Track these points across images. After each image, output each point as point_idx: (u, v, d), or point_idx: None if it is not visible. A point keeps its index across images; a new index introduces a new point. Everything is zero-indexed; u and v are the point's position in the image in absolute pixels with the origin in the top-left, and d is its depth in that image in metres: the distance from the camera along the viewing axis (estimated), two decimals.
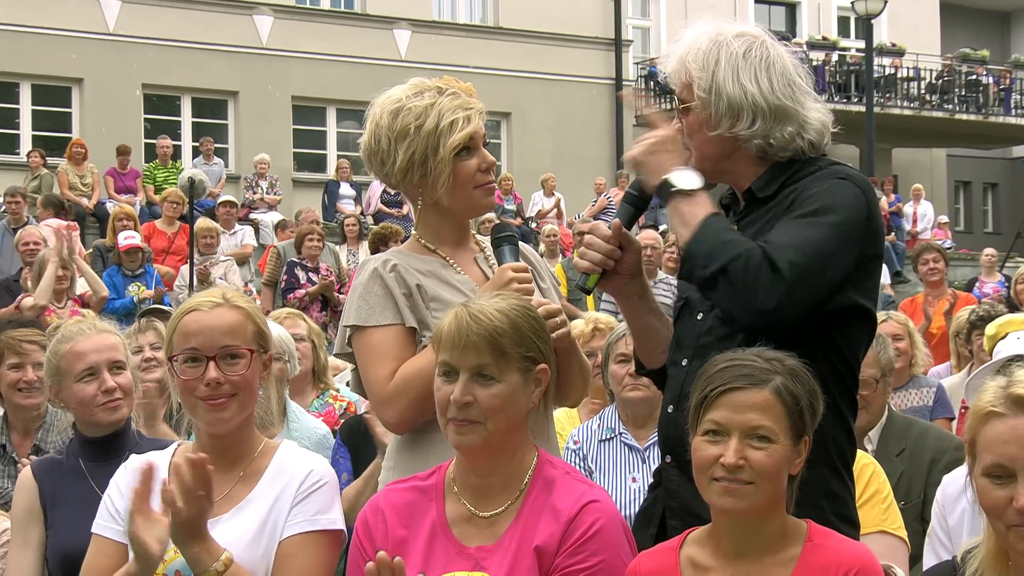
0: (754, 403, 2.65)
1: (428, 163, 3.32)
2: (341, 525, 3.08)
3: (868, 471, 4.24)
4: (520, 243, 3.53)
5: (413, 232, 3.50)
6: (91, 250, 13.71)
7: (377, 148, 3.38)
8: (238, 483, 3.06)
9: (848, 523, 3.03)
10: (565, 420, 5.44)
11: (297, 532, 3.00)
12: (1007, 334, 6.15)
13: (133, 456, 3.20)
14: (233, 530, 2.99)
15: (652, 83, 24.88)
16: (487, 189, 3.42)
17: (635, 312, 3.35)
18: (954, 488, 3.81)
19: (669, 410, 3.15)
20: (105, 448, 3.84)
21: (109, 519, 3.10)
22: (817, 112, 3.14)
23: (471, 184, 3.37)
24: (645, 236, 11.40)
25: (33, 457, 4.32)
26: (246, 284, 13.90)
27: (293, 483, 3.04)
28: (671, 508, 3.10)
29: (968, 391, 5.60)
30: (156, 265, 13.35)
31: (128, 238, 12.47)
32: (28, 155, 17.90)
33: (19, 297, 10.27)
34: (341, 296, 12.38)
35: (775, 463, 2.63)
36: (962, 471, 3.47)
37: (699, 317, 3.13)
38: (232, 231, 15.56)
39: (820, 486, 2.93)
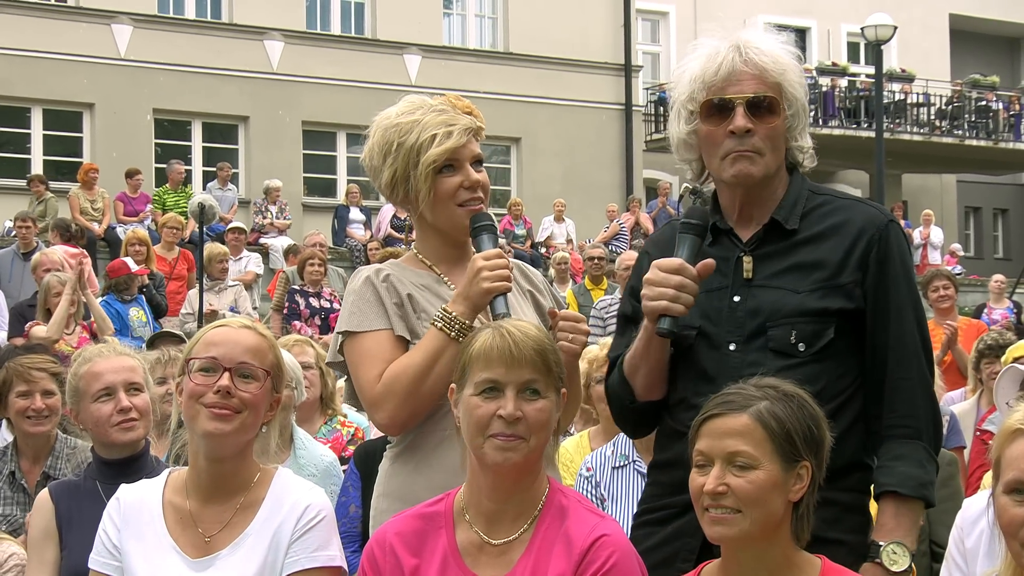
0: (732, 429, 2.65)
1: (410, 179, 3.29)
2: (341, 562, 3.07)
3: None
4: (521, 263, 3.52)
5: (412, 247, 3.49)
6: (104, 274, 13.71)
7: (370, 165, 3.39)
8: (236, 513, 3.05)
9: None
10: (574, 451, 5.39)
11: (297, 570, 3.00)
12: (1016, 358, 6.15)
13: (123, 487, 3.20)
14: (234, 569, 2.98)
15: (663, 108, 24.91)
16: (470, 209, 3.33)
17: (662, 347, 3.12)
18: (973, 510, 3.78)
19: None
20: (122, 470, 3.86)
21: (105, 554, 3.11)
22: None
23: (452, 201, 3.31)
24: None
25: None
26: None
27: (291, 519, 3.03)
28: (693, 548, 3.05)
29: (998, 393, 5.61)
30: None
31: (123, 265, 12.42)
32: (29, 182, 17.86)
33: (28, 325, 10.23)
34: None
35: (758, 489, 2.62)
36: (984, 494, 3.45)
37: (732, 348, 3.05)
38: (238, 257, 15.58)
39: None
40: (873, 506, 3.08)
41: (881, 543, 2.92)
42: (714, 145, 3.09)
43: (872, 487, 3.07)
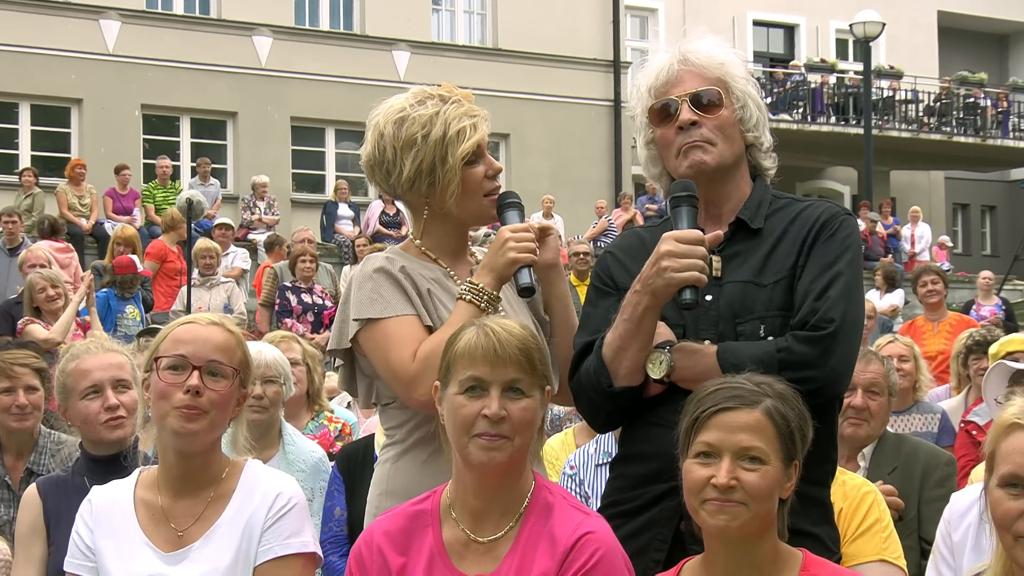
0: (746, 424, 2.64)
1: (436, 172, 3.26)
2: (314, 548, 3.08)
3: (869, 499, 4.15)
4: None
5: (411, 237, 3.43)
6: (89, 270, 13.68)
7: (382, 159, 3.31)
8: (208, 506, 3.06)
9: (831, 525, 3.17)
10: (559, 448, 5.38)
11: (271, 557, 3.01)
12: (1007, 353, 6.14)
13: (95, 488, 3.21)
14: (207, 560, 2.99)
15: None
16: (494, 199, 3.36)
17: (654, 323, 3.10)
18: (961, 504, 3.79)
19: None
20: (110, 467, 3.85)
21: (79, 556, 3.12)
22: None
23: (480, 192, 3.32)
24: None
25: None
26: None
27: (262, 507, 3.04)
28: (665, 538, 3.05)
29: (987, 389, 5.59)
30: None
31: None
32: (21, 173, 17.86)
33: (22, 323, 10.17)
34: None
35: (768, 485, 2.63)
36: (973, 488, 3.45)
37: (706, 344, 3.07)
38: (225, 253, 15.53)
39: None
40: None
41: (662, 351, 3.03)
42: (668, 146, 3.20)
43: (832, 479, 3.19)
